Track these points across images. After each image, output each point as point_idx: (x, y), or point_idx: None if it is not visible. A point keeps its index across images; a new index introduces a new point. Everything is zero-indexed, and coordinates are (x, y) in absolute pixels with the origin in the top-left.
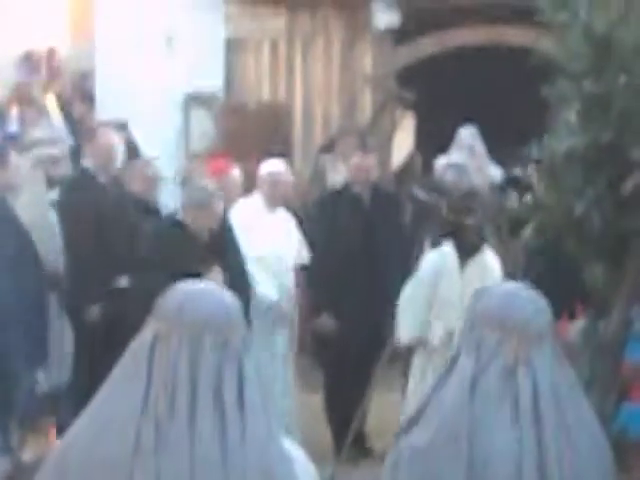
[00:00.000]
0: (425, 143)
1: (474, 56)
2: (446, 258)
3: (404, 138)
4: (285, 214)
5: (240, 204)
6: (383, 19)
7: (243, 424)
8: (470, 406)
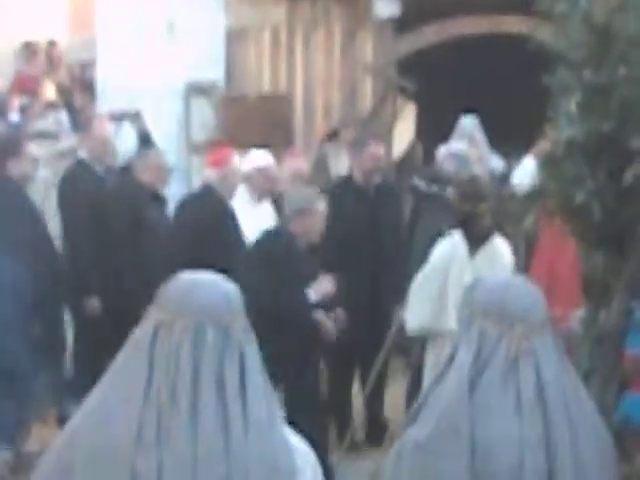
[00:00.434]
0: (426, 133)
1: (475, 45)
2: (456, 247)
3: (405, 128)
4: (269, 206)
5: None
6: (384, 8)
7: (245, 414)
8: (470, 399)
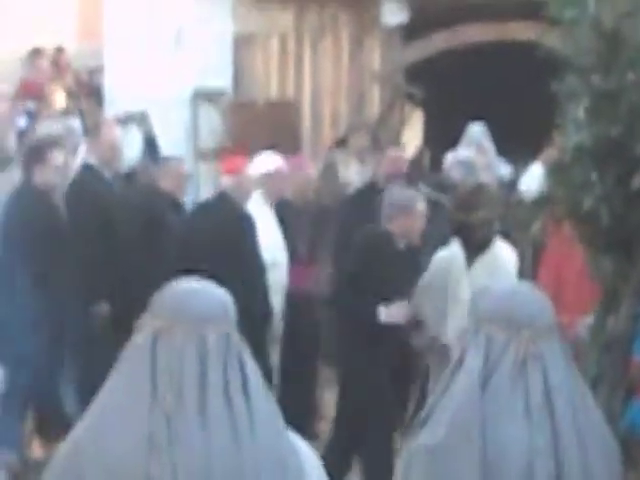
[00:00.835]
0: (433, 140)
1: (483, 53)
2: (454, 257)
3: (412, 135)
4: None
5: None
6: (392, 16)
7: (251, 417)
8: (480, 404)
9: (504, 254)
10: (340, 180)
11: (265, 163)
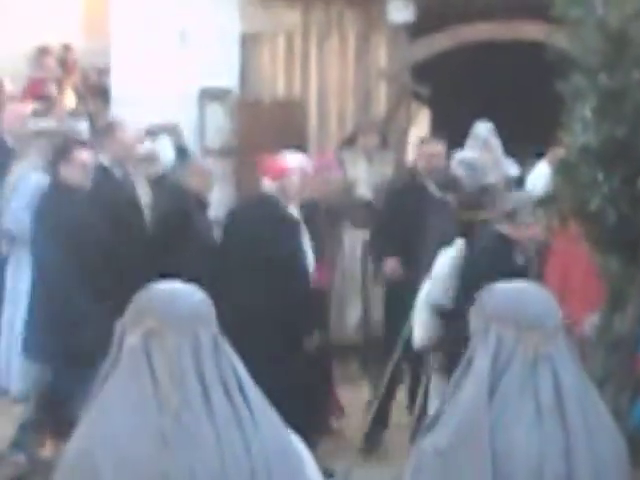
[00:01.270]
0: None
1: (489, 51)
2: (457, 257)
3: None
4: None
5: None
6: (398, 13)
7: (251, 411)
8: (489, 405)
9: None
10: (348, 179)
11: (297, 161)
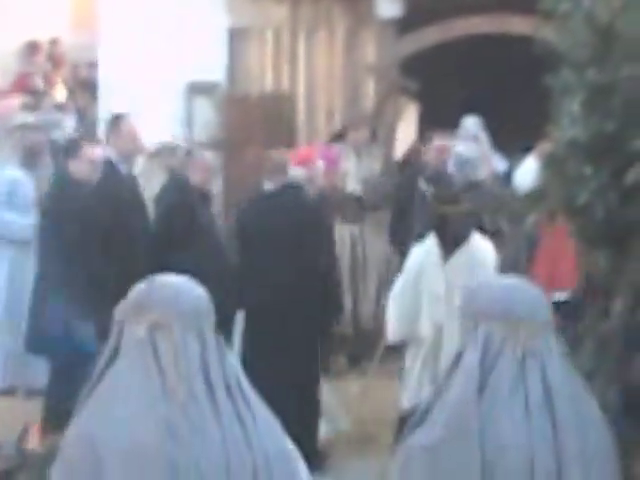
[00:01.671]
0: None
1: (478, 45)
2: (429, 252)
3: (407, 128)
4: None
5: None
6: (386, 8)
7: (252, 412)
8: (479, 401)
9: (482, 249)
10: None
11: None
